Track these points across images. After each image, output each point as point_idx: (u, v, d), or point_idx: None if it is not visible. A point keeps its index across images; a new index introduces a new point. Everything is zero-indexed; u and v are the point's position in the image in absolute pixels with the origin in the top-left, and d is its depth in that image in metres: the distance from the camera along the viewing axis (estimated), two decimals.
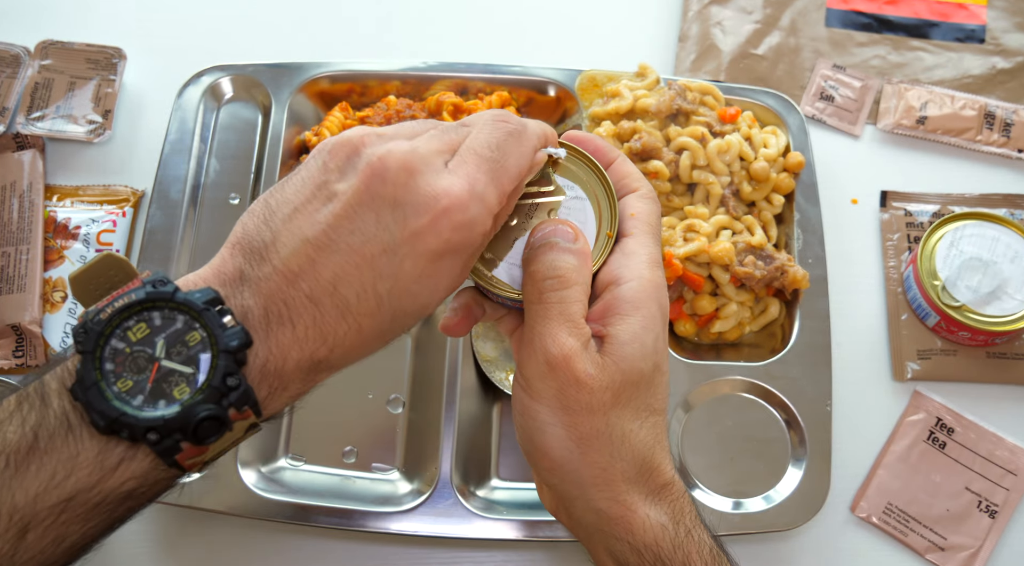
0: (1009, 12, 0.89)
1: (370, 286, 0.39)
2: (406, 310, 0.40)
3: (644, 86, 0.78)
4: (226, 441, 0.38)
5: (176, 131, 0.76)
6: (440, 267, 0.39)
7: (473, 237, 0.39)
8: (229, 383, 0.37)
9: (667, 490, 0.42)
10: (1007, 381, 0.72)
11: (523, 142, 0.42)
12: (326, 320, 0.39)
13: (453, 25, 0.89)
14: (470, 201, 0.39)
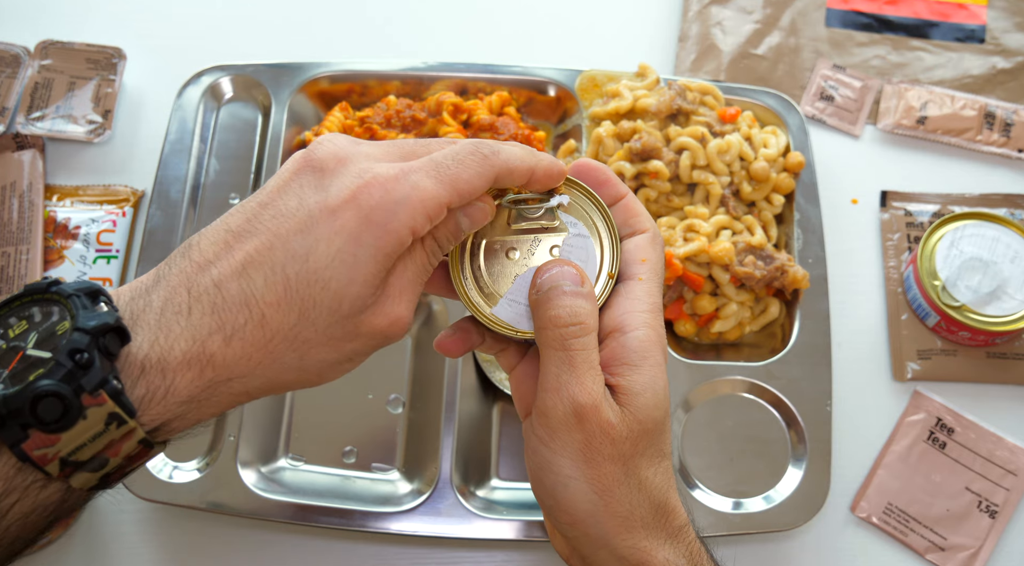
0: (1009, 12, 0.89)
1: (280, 268, 0.37)
2: (316, 302, 0.37)
3: (644, 86, 0.78)
4: (83, 432, 0.34)
5: (176, 131, 0.76)
6: (357, 253, 0.37)
7: (397, 224, 0.38)
8: (78, 360, 0.34)
9: (683, 532, 0.42)
10: (1007, 381, 0.72)
11: (486, 162, 0.41)
12: (227, 306, 0.37)
13: (453, 25, 0.89)
14: (397, 183, 0.38)
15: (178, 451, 0.65)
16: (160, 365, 0.36)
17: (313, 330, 0.38)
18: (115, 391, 0.35)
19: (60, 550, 0.65)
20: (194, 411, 0.37)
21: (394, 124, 0.75)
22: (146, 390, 0.36)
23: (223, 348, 0.36)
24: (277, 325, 0.37)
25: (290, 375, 0.39)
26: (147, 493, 0.63)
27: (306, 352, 0.38)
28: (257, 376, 0.38)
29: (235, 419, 0.66)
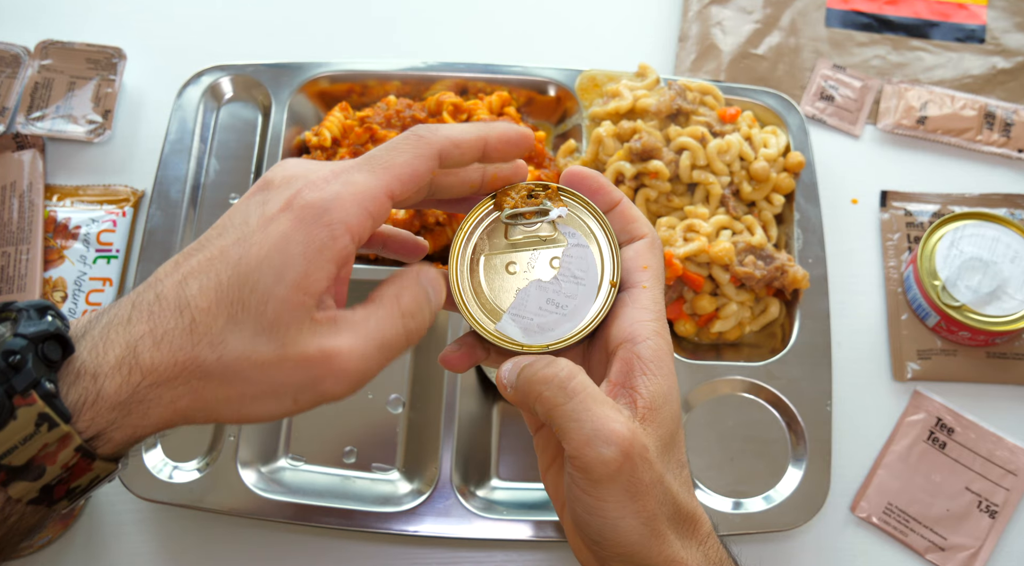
0: (1009, 12, 0.89)
1: (214, 274, 0.38)
2: (244, 304, 0.37)
3: (644, 86, 0.78)
4: (14, 434, 0.35)
5: (176, 131, 0.76)
6: (287, 251, 0.37)
7: (329, 219, 0.38)
8: (11, 361, 0.35)
9: (710, 539, 0.43)
10: (1007, 381, 0.72)
11: (422, 141, 0.41)
12: (162, 311, 0.37)
13: (453, 25, 0.89)
14: (328, 183, 0.38)
15: (178, 451, 0.65)
16: (93, 370, 0.36)
17: (239, 338, 0.37)
18: (46, 393, 0.35)
19: (60, 550, 0.65)
20: (126, 419, 0.37)
21: (394, 124, 0.76)
22: (79, 395, 0.36)
23: (152, 350, 0.37)
24: (204, 328, 0.37)
25: (212, 388, 0.38)
26: (147, 493, 0.63)
27: (230, 362, 0.37)
28: (181, 383, 0.37)
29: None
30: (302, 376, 0.38)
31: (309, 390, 0.38)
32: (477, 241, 0.45)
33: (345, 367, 0.38)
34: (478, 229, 0.45)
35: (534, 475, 0.68)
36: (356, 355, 0.38)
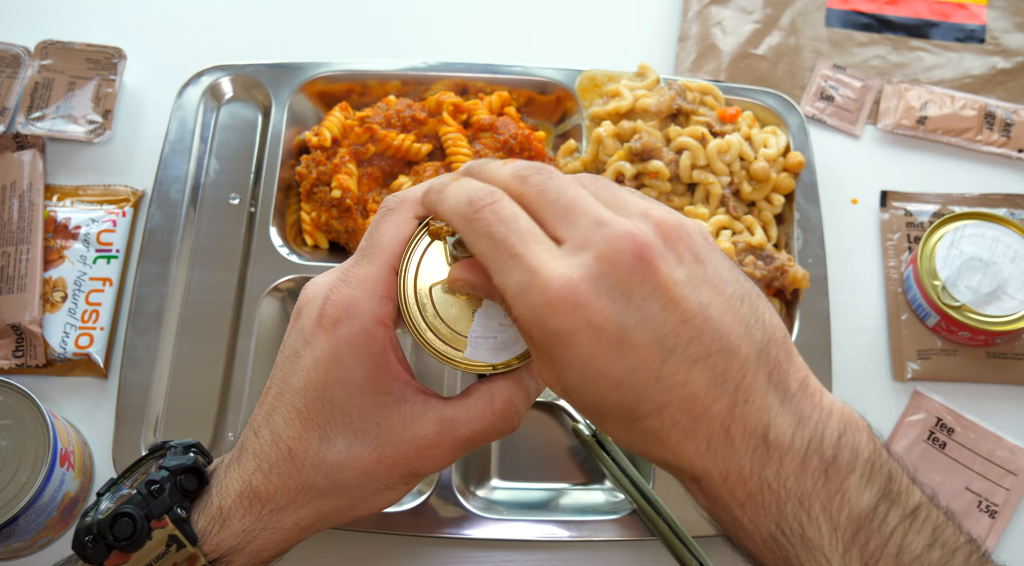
0: (1009, 12, 0.89)
1: (290, 404, 0.43)
2: (330, 422, 0.42)
3: (644, 86, 0.78)
4: (149, 552, 0.41)
5: (176, 131, 0.76)
6: (341, 367, 0.42)
7: (359, 323, 0.42)
8: (152, 490, 0.42)
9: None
10: (1007, 381, 0.72)
11: (392, 215, 0.44)
12: (263, 448, 0.43)
13: (453, 25, 0.89)
14: (340, 292, 0.43)
15: None
16: (219, 502, 0.42)
17: (337, 452, 0.42)
18: (177, 518, 0.41)
19: (60, 550, 0.65)
20: (250, 545, 0.42)
21: (394, 124, 0.76)
22: (207, 522, 0.42)
23: (264, 482, 0.42)
24: (303, 454, 0.42)
25: (329, 502, 0.43)
26: None
27: (337, 476, 0.42)
28: (300, 505, 0.42)
29: (235, 418, 0.66)
30: (403, 469, 0.43)
31: (412, 476, 0.43)
32: (421, 274, 0.44)
33: (434, 455, 0.43)
34: (419, 263, 0.44)
35: (534, 475, 0.68)
36: (444, 448, 0.43)
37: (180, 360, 0.68)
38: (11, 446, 0.59)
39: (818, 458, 0.35)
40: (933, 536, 0.34)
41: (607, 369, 0.35)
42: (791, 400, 0.36)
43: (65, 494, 0.62)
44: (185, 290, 0.71)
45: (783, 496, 0.34)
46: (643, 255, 0.35)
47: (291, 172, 0.77)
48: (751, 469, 0.35)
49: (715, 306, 0.36)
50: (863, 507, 0.34)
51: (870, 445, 0.36)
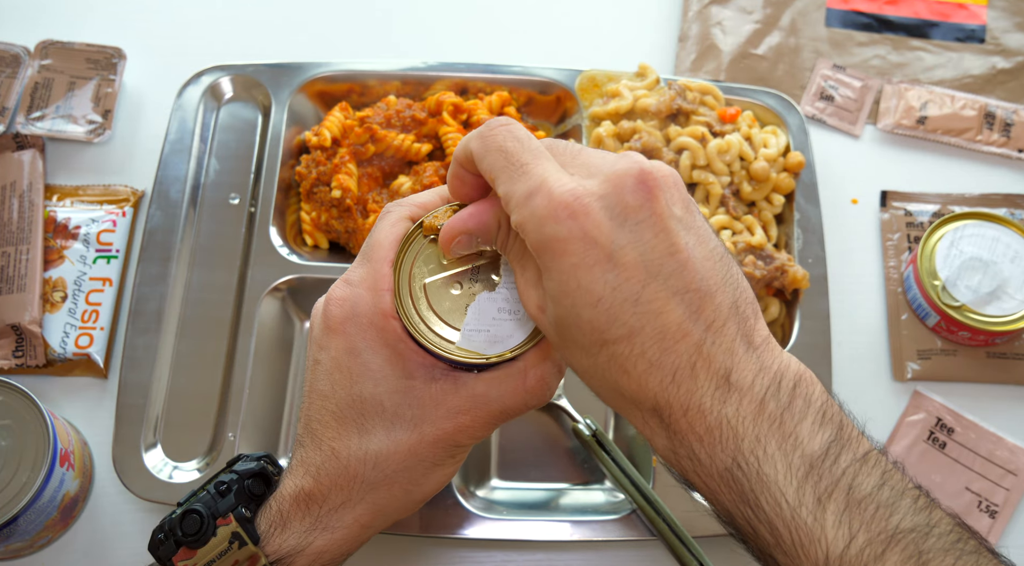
0: (1009, 12, 0.89)
1: (322, 409, 0.44)
2: (365, 415, 0.43)
3: (644, 86, 0.78)
4: (213, 548, 0.43)
5: (176, 131, 0.76)
6: (360, 357, 0.43)
7: (366, 319, 0.43)
8: (220, 490, 0.44)
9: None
10: (1007, 381, 0.72)
11: (387, 217, 0.46)
12: (307, 453, 0.45)
13: (453, 25, 0.89)
14: (345, 292, 0.44)
15: (178, 451, 0.65)
16: (277, 506, 0.44)
17: (377, 443, 0.43)
18: (241, 517, 0.43)
19: (60, 550, 0.65)
20: (312, 546, 0.44)
21: (394, 124, 0.75)
22: (268, 525, 0.44)
23: (315, 485, 0.44)
24: (346, 451, 0.43)
25: (384, 493, 0.44)
26: (147, 493, 0.63)
27: (384, 465, 0.43)
28: (356, 501, 0.44)
29: (235, 418, 0.66)
30: (445, 444, 0.44)
31: (456, 449, 0.44)
32: (415, 271, 0.45)
33: (470, 428, 0.44)
34: (413, 260, 0.45)
35: (534, 475, 0.68)
36: (480, 421, 0.44)
37: (180, 360, 0.68)
38: (11, 446, 0.59)
39: (775, 403, 0.36)
40: (882, 479, 0.35)
41: (590, 284, 0.36)
42: (755, 351, 0.38)
43: (65, 494, 0.62)
44: (185, 290, 0.71)
45: (741, 433, 0.36)
46: (646, 181, 0.37)
47: (291, 172, 0.77)
48: (711, 405, 0.36)
49: (699, 251, 0.38)
50: (815, 449, 0.36)
51: (822, 397, 0.38)
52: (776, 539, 0.35)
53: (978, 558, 0.34)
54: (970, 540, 0.35)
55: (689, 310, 0.37)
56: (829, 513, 0.34)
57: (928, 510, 0.35)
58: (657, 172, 0.38)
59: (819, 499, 0.35)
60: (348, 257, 0.75)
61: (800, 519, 0.34)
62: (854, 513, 0.34)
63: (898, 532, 0.34)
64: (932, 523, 0.35)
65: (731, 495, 0.36)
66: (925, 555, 0.34)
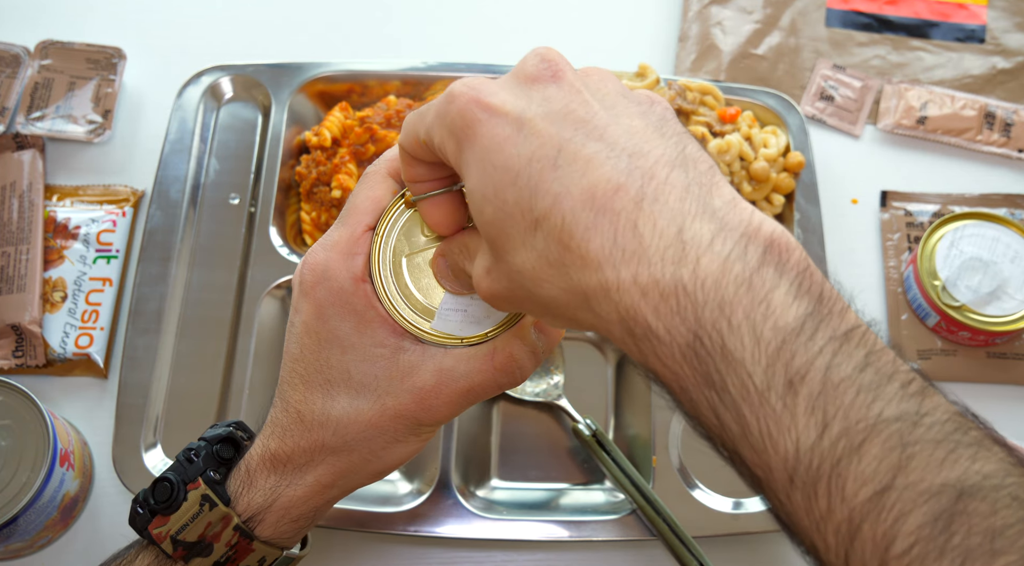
0: (1009, 12, 0.89)
1: (293, 373, 0.44)
2: (331, 382, 0.43)
3: (644, 86, 0.78)
4: (185, 512, 0.43)
5: (176, 131, 0.76)
6: (329, 322, 0.43)
7: (335, 283, 0.43)
8: (188, 457, 0.45)
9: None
10: (1007, 381, 0.72)
11: (368, 179, 0.45)
12: (276, 417, 0.45)
13: (453, 25, 0.89)
14: (317, 255, 0.44)
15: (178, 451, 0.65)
16: (245, 466, 0.45)
17: (341, 409, 0.43)
18: (210, 479, 0.44)
19: (60, 550, 0.65)
20: (278, 501, 0.44)
21: (394, 124, 0.75)
22: (237, 485, 0.45)
23: (280, 445, 0.44)
24: (310, 415, 0.43)
25: (343, 458, 0.44)
26: None
27: (344, 432, 0.43)
28: (317, 463, 0.44)
29: (235, 419, 0.66)
30: (406, 420, 0.43)
31: (418, 427, 0.44)
32: (396, 244, 0.44)
33: (434, 406, 0.43)
34: (394, 231, 0.44)
35: (534, 475, 0.68)
36: (443, 399, 0.42)
37: (180, 360, 0.68)
38: (11, 446, 0.59)
39: (741, 264, 0.30)
40: (867, 359, 0.30)
41: (505, 161, 0.33)
42: (713, 212, 0.32)
43: (65, 494, 0.62)
44: (185, 290, 0.71)
45: (700, 299, 0.30)
46: (548, 55, 0.36)
47: (291, 172, 0.77)
48: (663, 267, 0.31)
49: (623, 120, 0.34)
50: (789, 321, 0.30)
51: (802, 263, 0.31)
52: (743, 429, 0.30)
53: (977, 451, 0.28)
54: (971, 431, 0.29)
55: (617, 167, 0.32)
56: (801, 397, 0.29)
57: (920, 396, 0.30)
58: (561, 60, 0.36)
59: (790, 381, 0.29)
60: None
61: (769, 405, 0.29)
62: (830, 398, 0.29)
63: (880, 421, 0.28)
64: (924, 411, 0.29)
65: (695, 378, 0.31)
66: (911, 448, 0.28)
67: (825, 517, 0.29)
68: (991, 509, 0.27)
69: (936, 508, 0.27)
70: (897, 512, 0.27)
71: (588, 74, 0.37)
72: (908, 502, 0.27)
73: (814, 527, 0.29)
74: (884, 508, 0.27)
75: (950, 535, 0.26)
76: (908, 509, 0.27)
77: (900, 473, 0.28)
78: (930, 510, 0.27)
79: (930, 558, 0.27)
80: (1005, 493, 0.27)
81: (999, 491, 0.27)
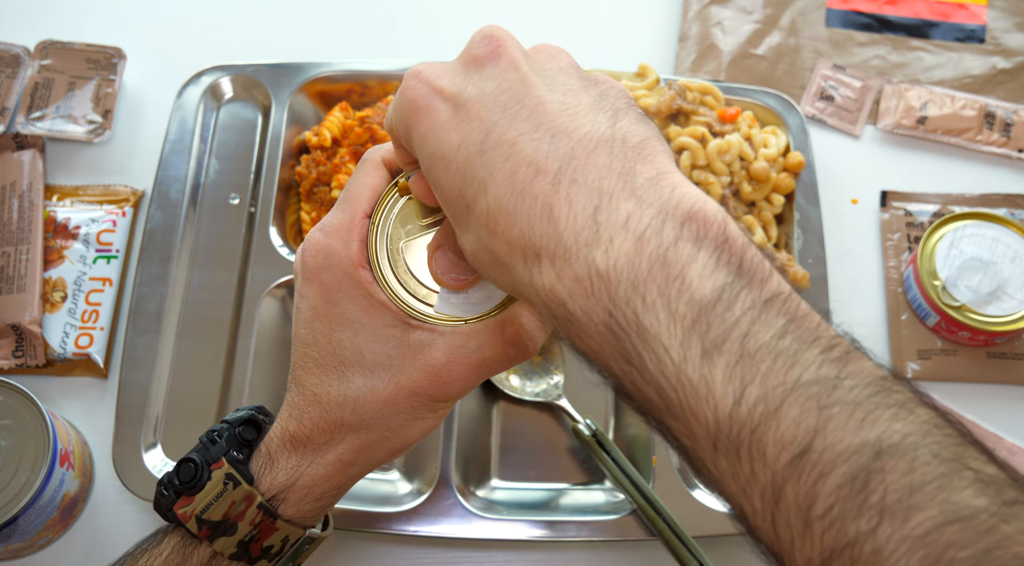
0: (1009, 12, 0.89)
1: (305, 357, 0.45)
2: (344, 363, 0.43)
3: (644, 86, 0.78)
4: (209, 492, 0.44)
5: (176, 131, 0.76)
6: (338, 305, 0.43)
7: (339, 264, 0.43)
8: (211, 438, 0.46)
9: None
10: (1007, 381, 0.72)
11: (364, 165, 0.46)
12: (293, 397, 0.46)
13: (454, 25, 0.89)
14: (319, 238, 0.44)
15: (178, 451, 0.65)
16: (265, 447, 0.46)
17: (356, 389, 0.43)
18: (233, 459, 0.45)
19: (60, 550, 0.65)
20: (300, 479, 0.45)
21: None
22: (259, 465, 0.45)
23: (298, 427, 0.45)
24: (327, 397, 0.44)
25: (362, 436, 0.44)
26: (147, 493, 0.63)
27: (361, 410, 0.44)
28: (337, 441, 0.44)
29: None
30: (421, 397, 0.43)
31: (433, 403, 0.44)
32: (392, 231, 0.45)
33: (448, 382, 0.43)
34: (390, 218, 0.45)
35: (534, 475, 0.68)
36: (456, 374, 0.43)
37: (180, 360, 0.68)
38: (11, 446, 0.59)
39: (656, 241, 0.30)
40: (786, 327, 0.29)
41: (439, 146, 0.34)
42: (633, 190, 0.32)
43: (65, 494, 0.62)
44: (185, 290, 0.71)
45: (613, 279, 0.30)
46: (494, 34, 0.37)
47: (291, 172, 0.77)
48: (577, 250, 0.31)
49: (557, 96, 0.34)
50: (705, 293, 0.30)
51: (723, 235, 0.31)
52: (665, 402, 0.30)
53: (898, 411, 0.28)
54: (895, 394, 0.28)
55: (539, 150, 0.32)
56: (718, 368, 0.29)
57: (842, 362, 0.29)
58: (508, 35, 0.37)
59: (706, 351, 0.29)
60: None
61: (685, 376, 0.29)
62: (746, 366, 0.29)
63: (799, 385, 0.28)
64: (844, 376, 0.28)
65: (615, 355, 0.31)
66: (828, 409, 0.28)
67: (750, 481, 0.29)
68: (909, 466, 0.26)
69: (854, 467, 0.27)
70: (817, 474, 0.27)
71: (537, 50, 0.38)
72: (827, 463, 0.27)
73: (740, 492, 0.29)
74: (804, 470, 0.27)
75: (868, 494, 0.26)
76: (828, 470, 0.27)
77: (818, 435, 0.27)
78: (848, 470, 0.27)
79: (849, 517, 0.26)
80: (925, 450, 0.27)
81: (918, 449, 0.27)
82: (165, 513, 0.46)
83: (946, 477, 0.26)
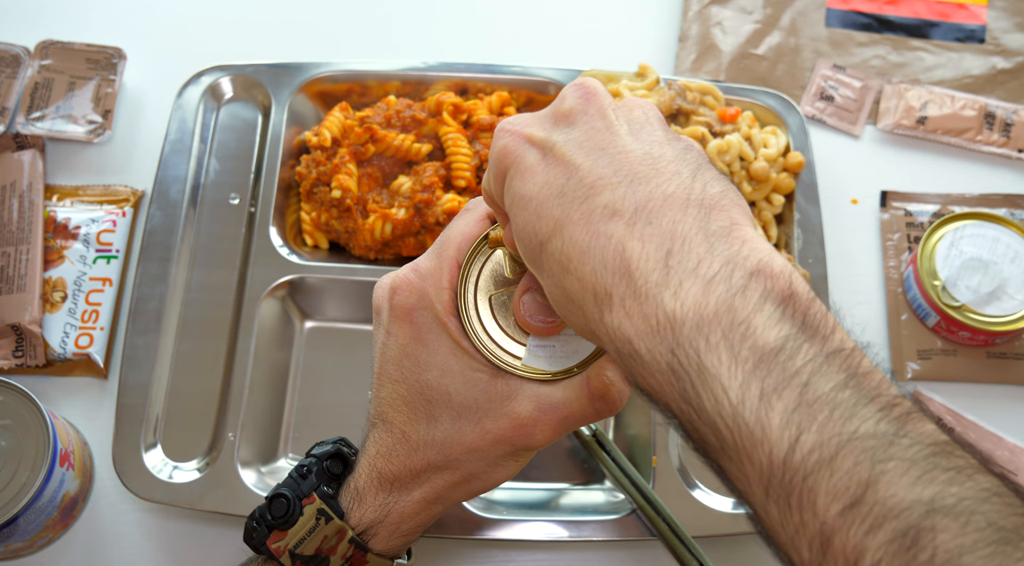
0: (1009, 12, 0.89)
1: (393, 393, 0.46)
2: (432, 402, 0.44)
3: (644, 86, 0.78)
4: (302, 527, 0.45)
5: (176, 131, 0.76)
6: (427, 346, 0.44)
7: (430, 309, 0.44)
8: (301, 473, 0.47)
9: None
10: (1007, 381, 0.72)
11: (466, 214, 0.47)
12: (380, 435, 0.46)
13: (453, 25, 0.89)
14: (410, 280, 0.45)
15: (178, 451, 0.65)
16: (354, 484, 0.47)
17: (444, 432, 0.44)
18: (324, 494, 0.46)
19: (60, 550, 0.65)
20: (389, 516, 0.46)
21: (394, 124, 0.75)
22: (348, 501, 0.46)
23: (386, 464, 0.46)
24: (415, 436, 0.45)
25: (446, 477, 0.45)
26: (147, 493, 0.63)
27: (448, 451, 0.44)
28: (422, 481, 0.45)
29: (235, 419, 0.66)
30: (505, 446, 0.44)
31: (517, 452, 0.45)
32: (480, 283, 0.45)
33: (532, 433, 0.44)
34: (480, 272, 0.46)
35: (534, 475, 0.68)
36: (541, 426, 0.43)
37: (180, 360, 0.68)
38: (11, 446, 0.59)
39: (725, 287, 0.31)
40: (847, 381, 0.29)
41: (523, 188, 0.36)
42: (707, 236, 0.33)
43: (65, 494, 0.62)
44: (185, 290, 0.71)
45: (680, 319, 0.31)
46: (586, 85, 0.38)
47: (291, 172, 0.77)
48: (647, 290, 0.32)
49: (642, 146, 0.36)
50: (768, 341, 0.30)
51: (790, 288, 0.32)
52: (721, 443, 0.30)
53: (956, 475, 0.27)
54: (956, 458, 0.28)
55: (615, 196, 0.34)
56: (776, 412, 0.29)
57: (903, 420, 0.29)
58: (601, 88, 0.38)
59: (764, 395, 0.29)
60: (348, 257, 0.75)
61: (742, 418, 0.29)
62: (804, 413, 0.29)
63: (855, 438, 0.28)
64: (903, 433, 0.28)
65: (675, 394, 0.31)
66: (883, 464, 0.27)
67: (799, 530, 0.29)
68: (962, 529, 0.26)
69: (904, 524, 0.27)
70: (867, 526, 0.27)
71: (629, 103, 0.39)
72: (878, 517, 0.27)
73: (789, 542, 0.30)
74: (854, 522, 0.27)
75: (918, 550, 0.26)
76: (878, 524, 0.27)
77: (871, 488, 0.27)
78: (899, 525, 0.27)
79: None
80: (981, 517, 0.26)
81: (974, 514, 0.26)
82: (257, 546, 0.46)
83: (1001, 544, 0.26)
